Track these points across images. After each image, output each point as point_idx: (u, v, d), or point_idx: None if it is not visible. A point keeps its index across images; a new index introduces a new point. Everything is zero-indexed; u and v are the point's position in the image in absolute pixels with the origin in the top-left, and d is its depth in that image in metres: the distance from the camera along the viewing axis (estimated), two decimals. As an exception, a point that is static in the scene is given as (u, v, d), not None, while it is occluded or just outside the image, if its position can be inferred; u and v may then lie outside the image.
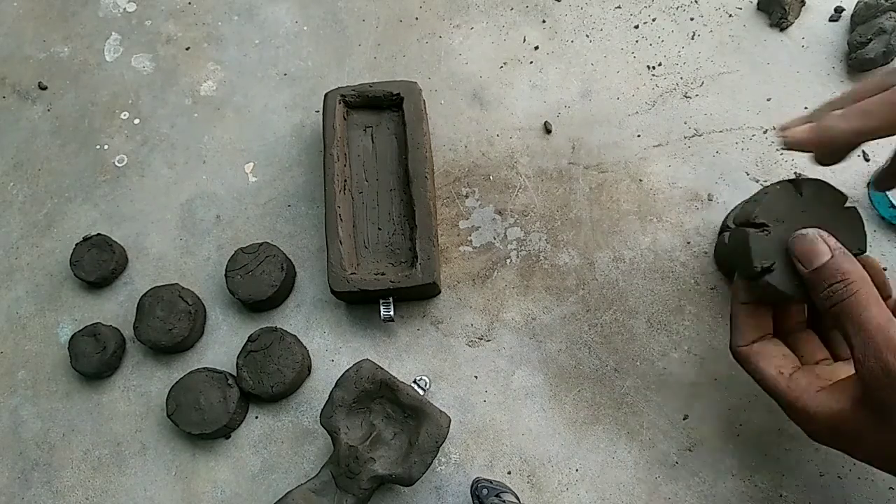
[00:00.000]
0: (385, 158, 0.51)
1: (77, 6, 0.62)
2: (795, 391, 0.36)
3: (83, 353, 0.49)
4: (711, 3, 0.55)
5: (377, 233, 0.49)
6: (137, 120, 0.58)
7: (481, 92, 0.55)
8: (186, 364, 0.50)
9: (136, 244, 0.54)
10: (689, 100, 0.53)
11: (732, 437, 0.45)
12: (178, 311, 0.49)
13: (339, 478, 0.42)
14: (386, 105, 0.51)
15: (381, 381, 0.43)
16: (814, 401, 0.35)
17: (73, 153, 0.57)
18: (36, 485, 0.49)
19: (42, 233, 0.55)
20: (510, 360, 0.48)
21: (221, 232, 0.54)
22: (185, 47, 0.60)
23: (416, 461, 0.41)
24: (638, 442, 0.45)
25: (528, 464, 0.46)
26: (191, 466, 0.48)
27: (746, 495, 0.44)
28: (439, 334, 0.49)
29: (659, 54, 0.54)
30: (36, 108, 0.59)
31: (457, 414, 0.47)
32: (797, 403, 0.36)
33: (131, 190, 0.56)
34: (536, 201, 0.52)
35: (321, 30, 0.59)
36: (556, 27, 0.56)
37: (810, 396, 0.36)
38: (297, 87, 0.57)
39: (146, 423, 0.50)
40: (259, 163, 0.55)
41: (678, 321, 0.48)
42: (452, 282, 0.50)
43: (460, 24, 0.57)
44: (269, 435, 0.48)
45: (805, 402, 0.36)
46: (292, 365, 0.47)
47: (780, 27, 0.54)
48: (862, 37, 0.50)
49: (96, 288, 0.53)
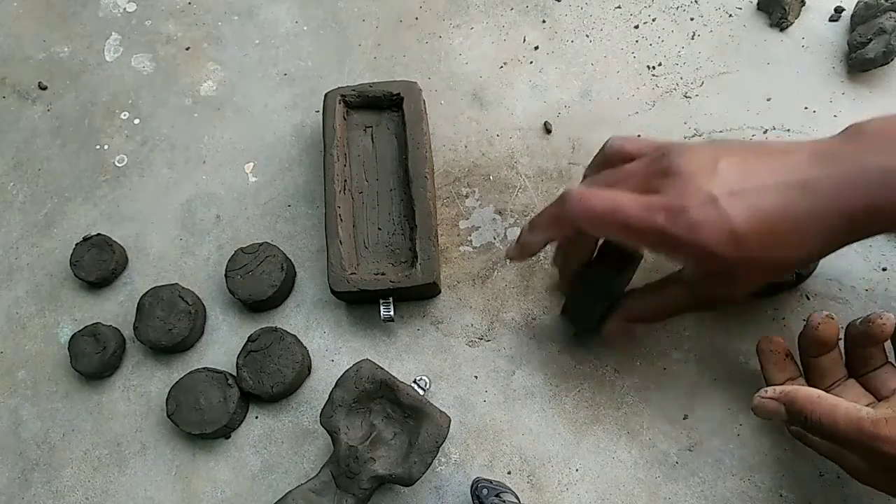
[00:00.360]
0: (385, 158, 0.51)
1: (77, 6, 0.62)
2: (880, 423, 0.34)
3: (83, 353, 0.49)
4: (711, 3, 0.55)
5: (377, 233, 0.49)
6: (137, 120, 0.58)
7: (481, 92, 0.55)
8: (186, 364, 0.50)
9: (136, 244, 0.54)
10: (689, 100, 0.53)
11: (733, 436, 0.45)
12: (178, 311, 0.49)
13: (339, 478, 0.42)
14: (386, 105, 0.51)
15: (381, 381, 0.43)
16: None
17: (73, 153, 0.57)
18: (36, 485, 0.49)
19: (42, 233, 0.55)
20: (510, 360, 0.48)
21: (221, 232, 0.54)
22: (185, 47, 0.60)
23: (416, 461, 0.41)
24: (638, 442, 0.45)
25: (528, 464, 0.46)
26: (191, 466, 0.48)
27: (746, 495, 0.44)
28: (439, 334, 0.49)
29: (659, 54, 0.54)
30: (36, 108, 0.59)
31: (457, 414, 0.47)
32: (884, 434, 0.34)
33: (131, 190, 0.56)
34: (536, 201, 0.52)
35: (321, 30, 0.59)
36: (556, 27, 0.56)
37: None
38: (297, 87, 0.57)
39: (146, 423, 0.50)
40: (259, 163, 0.55)
41: (678, 321, 0.48)
42: (452, 282, 0.50)
43: (460, 24, 0.57)
44: (269, 435, 0.48)
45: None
46: (292, 365, 0.47)
47: (780, 27, 0.54)
48: (862, 37, 0.50)
49: (96, 288, 0.53)
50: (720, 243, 0.35)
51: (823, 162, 0.35)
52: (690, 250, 0.36)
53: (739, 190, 0.35)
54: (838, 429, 0.35)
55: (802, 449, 0.44)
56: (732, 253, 0.35)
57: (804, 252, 0.36)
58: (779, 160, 0.36)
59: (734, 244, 0.35)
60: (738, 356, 0.46)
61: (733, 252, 0.35)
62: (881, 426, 0.34)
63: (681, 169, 0.36)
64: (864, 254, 0.47)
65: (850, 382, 0.41)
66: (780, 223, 0.35)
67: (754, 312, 0.47)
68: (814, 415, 0.36)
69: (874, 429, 0.34)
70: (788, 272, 0.41)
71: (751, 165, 0.36)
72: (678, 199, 0.35)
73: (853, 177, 0.35)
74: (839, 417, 0.35)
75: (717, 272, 0.37)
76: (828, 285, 0.47)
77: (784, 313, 0.47)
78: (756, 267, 0.36)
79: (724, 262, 0.36)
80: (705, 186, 0.35)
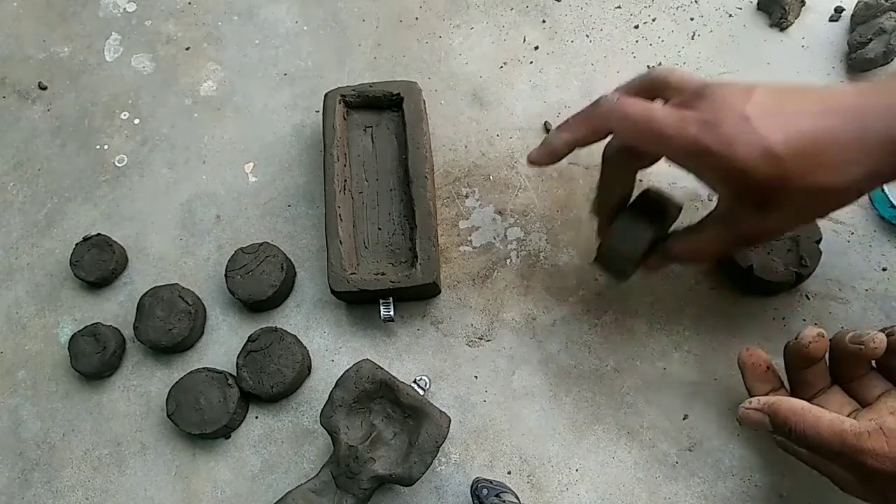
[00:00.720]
0: (385, 158, 0.51)
1: (77, 6, 0.62)
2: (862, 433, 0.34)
3: (83, 353, 0.49)
4: (711, 2, 0.55)
5: (377, 233, 0.49)
6: (137, 120, 0.58)
7: (481, 92, 0.55)
8: (186, 364, 0.50)
9: (136, 244, 0.54)
10: (689, 100, 0.53)
11: (732, 437, 0.45)
12: (178, 311, 0.49)
13: (339, 478, 0.42)
14: (386, 105, 0.51)
15: (381, 381, 0.43)
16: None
17: (73, 153, 0.57)
18: (36, 485, 0.49)
19: (42, 233, 0.55)
20: (510, 360, 0.48)
21: (221, 232, 0.54)
22: (185, 47, 0.60)
23: (416, 461, 0.41)
24: (638, 442, 0.45)
25: (528, 463, 0.46)
26: (191, 466, 0.48)
27: (746, 495, 0.44)
28: (439, 334, 0.49)
29: (659, 54, 0.54)
30: (36, 108, 0.59)
31: (457, 414, 0.47)
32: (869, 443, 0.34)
33: (131, 190, 0.56)
34: (536, 201, 0.52)
35: (321, 30, 0.59)
36: (557, 27, 0.56)
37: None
38: (297, 86, 0.57)
39: (146, 423, 0.50)
40: (259, 163, 0.55)
41: (678, 321, 0.48)
42: (452, 282, 0.50)
43: (460, 24, 0.57)
44: (269, 435, 0.48)
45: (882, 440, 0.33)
46: (292, 365, 0.47)
47: (780, 27, 0.54)
48: (862, 37, 0.50)
49: (96, 288, 0.53)
50: (754, 159, 0.33)
51: (869, 93, 0.34)
52: (723, 165, 0.34)
53: (776, 113, 0.34)
54: (822, 441, 0.35)
55: (802, 449, 0.44)
56: (767, 171, 0.34)
57: (847, 178, 0.34)
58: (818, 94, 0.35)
59: (769, 162, 0.33)
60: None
61: (767, 170, 0.34)
62: (864, 439, 0.33)
63: (716, 93, 0.35)
64: (865, 254, 0.47)
65: (834, 390, 0.41)
66: (819, 144, 0.33)
67: (754, 312, 0.47)
68: (798, 426, 0.36)
69: (857, 441, 0.33)
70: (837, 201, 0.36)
71: (789, 95, 0.35)
72: (712, 114, 0.35)
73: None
74: (823, 430, 0.35)
75: (751, 195, 0.36)
76: (828, 285, 0.47)
77: (784, 313, 0.47)
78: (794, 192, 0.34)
79: (757, 182, 0.34)
80: (739, 106, 0.34)
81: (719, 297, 0.48)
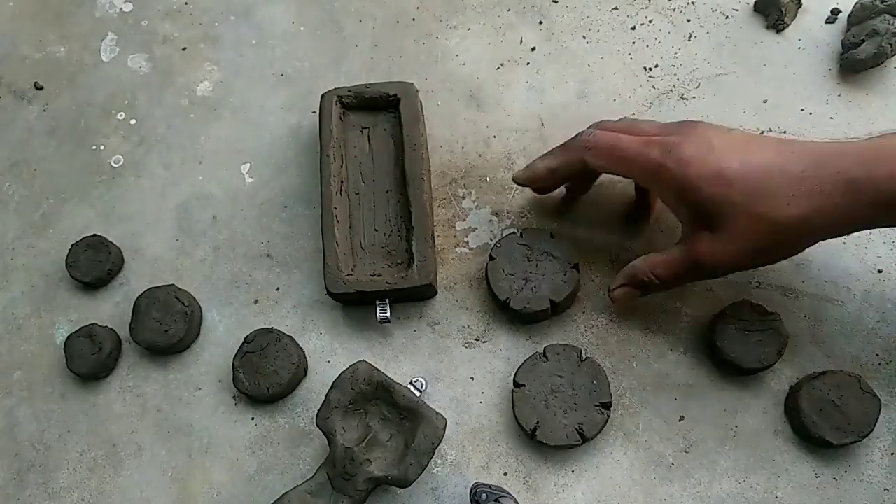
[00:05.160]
0: (382, 160, 0.51)
1: (73, 6, 0.62)
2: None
3: (79, 354, 0.49)
4: (708, 4, 0.55)
5: (374, 234, 0.49)
6: (134, 120, 0.58)
7: (478, 93, 0.55)
8: (183, 365, 0.50)
9: (132, 245, 0.54)
10: (686, 101, 0.53)
11: (728, 438, 0.45)
12: (174, 313, 0.49)
13: (335, 479, 0.42)
14: (383, 106, 0.51)
15: (377, 383, 0.43)
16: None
17: (69, 154, 0.57)
18: (31, 486, 0.49)
19: (38, 233, 0.55)
20: (506, 362, 0.48)
21: (218, 233, 0.54)
22: (181, 48, 0.59)
23: (412, 463, 0.41)
24: (634, 443, 0.46)
25: (524, 465, 0.46)
26: (186, 468, 0.48)
27: (742, 496, 0.44)
28: (436, 336, 0.49)
29: (655, 56, 0.54)
30: (32, 108, 0.59)
31: (453, 415, 0.47)
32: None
33: (127, 191, 0.56)
34: (533, 203, 0.52)
35: (318, 30, 0.59)
36: (553, 28, 0.56)
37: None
38: (294, 87, 0.57)
39: (142, 425, 0.50)
40: (255, 164, 0.55)
41: (674, 322, 0.48)
42: (449, 283, 0.50)
43: (457, 24, 0.57)
44: (265, 436, 0.48)
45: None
46: (288, 366, 0.47)
47: (777, 29, 0.54)
48: (855, 37, 0.50)
49: (92, 289, 0.53)
50: (705, 178, 0.36)
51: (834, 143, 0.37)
52: (678, 182, 0.37)
53: (741, 150, 0.37)
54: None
55: (798, 450, 0.44)
56: (715, 190, 0.36)
57: (792, 211, 0.36)
58: (795, 141, 0.38)
59: (718, 182, 0.36)
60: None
61: (716, 189, 0.36)
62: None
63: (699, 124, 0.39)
64: (860, 255, 0.48)
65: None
66: (767, 175, 0.36)
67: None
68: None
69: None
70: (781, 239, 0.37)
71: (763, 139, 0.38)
72: (677, 139, 0.38)
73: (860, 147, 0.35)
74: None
75: (703, 215, 0.38)
76: (823, 287, 0.47)
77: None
78: (739, 216, 0.36)
79: (706, 200, 0.37)
80: (712, 136, 0.38)
81: (716, 298, 0.48)
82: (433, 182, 0.53)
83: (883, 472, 0.43)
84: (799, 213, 0.36)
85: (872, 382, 0.43)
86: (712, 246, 0.39)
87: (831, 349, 0.46)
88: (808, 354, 0.46)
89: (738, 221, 0.37)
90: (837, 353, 0.46)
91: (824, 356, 0.46)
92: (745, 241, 0.38)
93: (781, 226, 0.36)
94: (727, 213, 0.37)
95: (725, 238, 0.38)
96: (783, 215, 0.36)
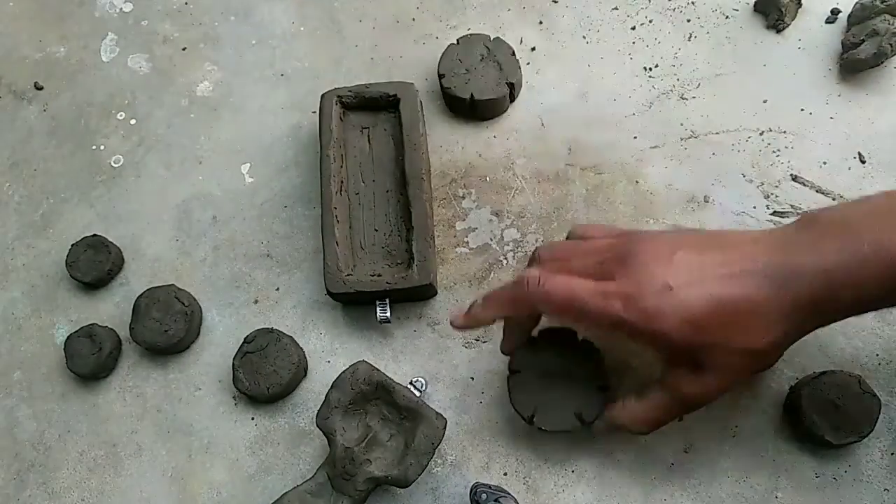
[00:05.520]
0: (382, 159, 0.51)
1: (73, 6, 0.62)
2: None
3: (79, 354, 0.49)
4: (708, 4, 0.55)
5: (374, 234, 0.49)
6: (134, 120, 0.58)
7: (478, 93, 0.55)
8: (182, 365, 0.50)
9: (132, 245, 0.54)
10: (686, 101, 0.53)
11: (728, 438, 0.45)
12: (174, 313, 0.49)
13: (335, 479, 0.42)
14: (383, 106, 0.51)
15: (377, 383, 0.43)
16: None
17: (69, 154, 0.57)
18: (31, 486, 0.49)
19: (38, 233, 0.55)
20: (506, 362, 0.48)
21: (218, 233, 0.54)
22: (181, 48, 0.59)
23: (412, 463, 0.41)
24: (634, 443, 0.46)
25: (524, 465, 0.46)
26: (186, 468, 0.48)
27: (742, 497, 0.44)
28: (436, 336, 0.49)
29: (656, 56, 0.54)
30: (32, 108, 0.59)
31: (453, 415, 0.47)
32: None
33: (127, 191, 0.56)
34: (533, 203, 0.52)
35: (318, 30, 0.59)
36: (553, 28, 0.56)
37: None
38: (294, 87, 0.57)
39: (142, 425, 0.50)
40: (255, 164, 0.55)
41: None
42: (449, 283, 0.50)
43: (457, 24, 0.57)
44: (265, 436, 0.48)
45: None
46: (288, 366, 0.47)
47: (777, 29, 0.54)
48: (855, 37, 0.50)
49: (92, 289, 0.53)
50: (676, 328, 0.35)
51: (780, 251, 0.35)
52: (648, 336, 0.36)
53: (696, 280, 0.35)
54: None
55: (799, 450, 0.44)
56: (690, 338, 0.35)
57: (769, 338, 0.36)
58: (736, 251, 0.36)
59: (691, 329, 0.35)
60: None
61: (691, 337, 0.35)
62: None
63: (637, 257, 0.37)
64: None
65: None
66: (738, 309, 0.35)
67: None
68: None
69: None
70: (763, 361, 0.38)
71: (708, 257, 0.36)
72: (634, 286, 0.36)
73: (811, 265, 0.34)
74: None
75: (682, 360, 0.37)
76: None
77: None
78: (719, 355, 0.36)
79: (684, 348, 0.36)
80: (661, 275, 0.36)
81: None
82: (433, 182, 0.53)
83: (883, 472, 0.43)
84: (776, 339, 0.36)
85: (872, 382, 0.43)
86: (695, 386, 0.38)
87: (831, 349, 0.46)
88: (808, 354, 0.46)
89: (717, 359, 0.36)
90: (837, 353, 0.46)
91: (824, 356, 0.46)
92: (727, 374, 0.37)
93: (761, 353, 0.37)
94: (705, 353, 0.36)
95: (708, 376, 0.37)
96: (760, 344, 0.36)
